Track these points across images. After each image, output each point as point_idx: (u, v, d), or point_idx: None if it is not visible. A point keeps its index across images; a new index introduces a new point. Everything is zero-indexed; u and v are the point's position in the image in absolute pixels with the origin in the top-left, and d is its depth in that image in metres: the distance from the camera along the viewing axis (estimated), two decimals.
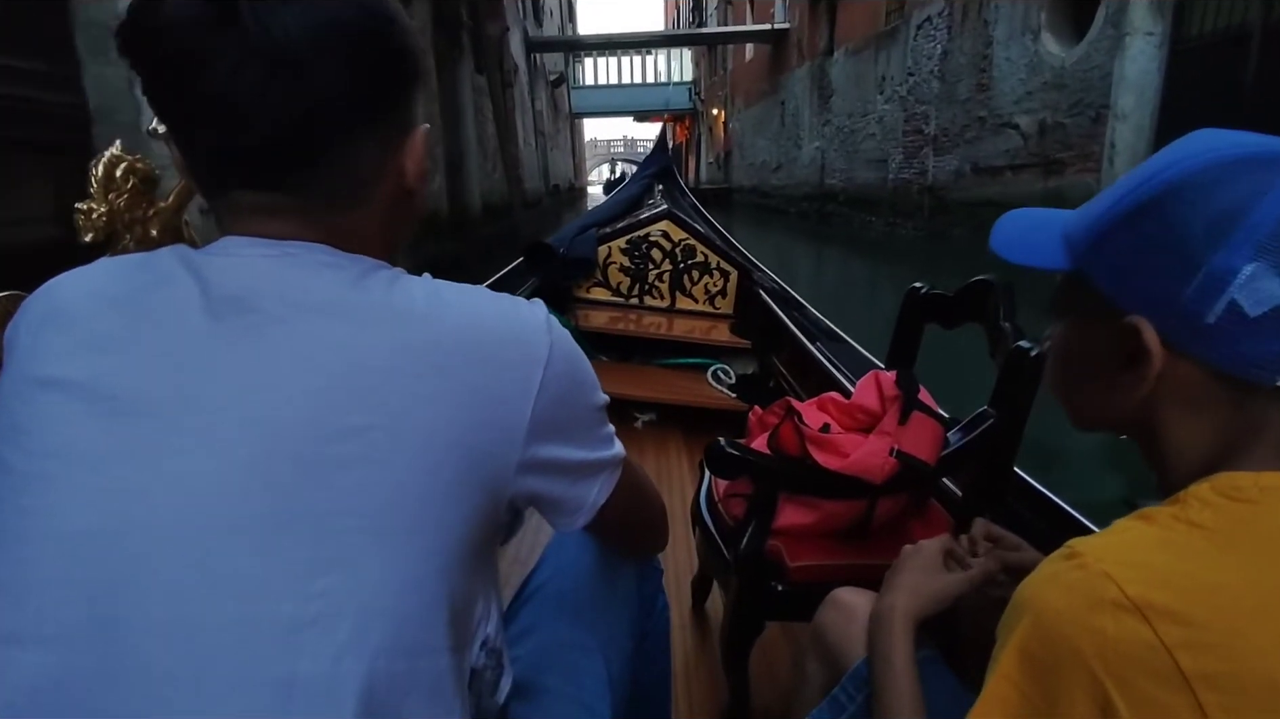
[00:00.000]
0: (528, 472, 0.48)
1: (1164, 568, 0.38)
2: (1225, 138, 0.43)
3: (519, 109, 15.01)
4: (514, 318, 0.48)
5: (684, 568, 1.53)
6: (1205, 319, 0.41)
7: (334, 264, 0.46)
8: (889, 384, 1.07)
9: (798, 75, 16.47)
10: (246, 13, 0.41)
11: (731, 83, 25.25)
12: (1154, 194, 0.43)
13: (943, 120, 9.60)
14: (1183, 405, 0.45)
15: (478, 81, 10.31)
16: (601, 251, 2.82)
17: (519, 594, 0.73)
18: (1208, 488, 0.42)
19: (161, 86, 0.44)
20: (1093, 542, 0.41)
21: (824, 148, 14.82)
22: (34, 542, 0.39)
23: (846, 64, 13.38)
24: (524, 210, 13.68)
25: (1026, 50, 7.63)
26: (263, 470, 0.40)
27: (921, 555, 0.69)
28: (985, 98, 8.49)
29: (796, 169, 16.84)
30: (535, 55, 21.07)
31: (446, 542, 0.43)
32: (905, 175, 10.83)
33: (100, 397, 0.41)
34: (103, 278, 0.46)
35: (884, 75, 11.54)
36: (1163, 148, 0.45)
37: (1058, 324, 0.52)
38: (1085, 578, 0.38)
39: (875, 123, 11.95)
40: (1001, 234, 0.53)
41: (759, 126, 20.79)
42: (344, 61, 0.44)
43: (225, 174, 0.46)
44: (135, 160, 0.71)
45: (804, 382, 2.08)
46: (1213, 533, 0.40)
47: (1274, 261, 0.39)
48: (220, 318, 0.42)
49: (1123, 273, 0.44)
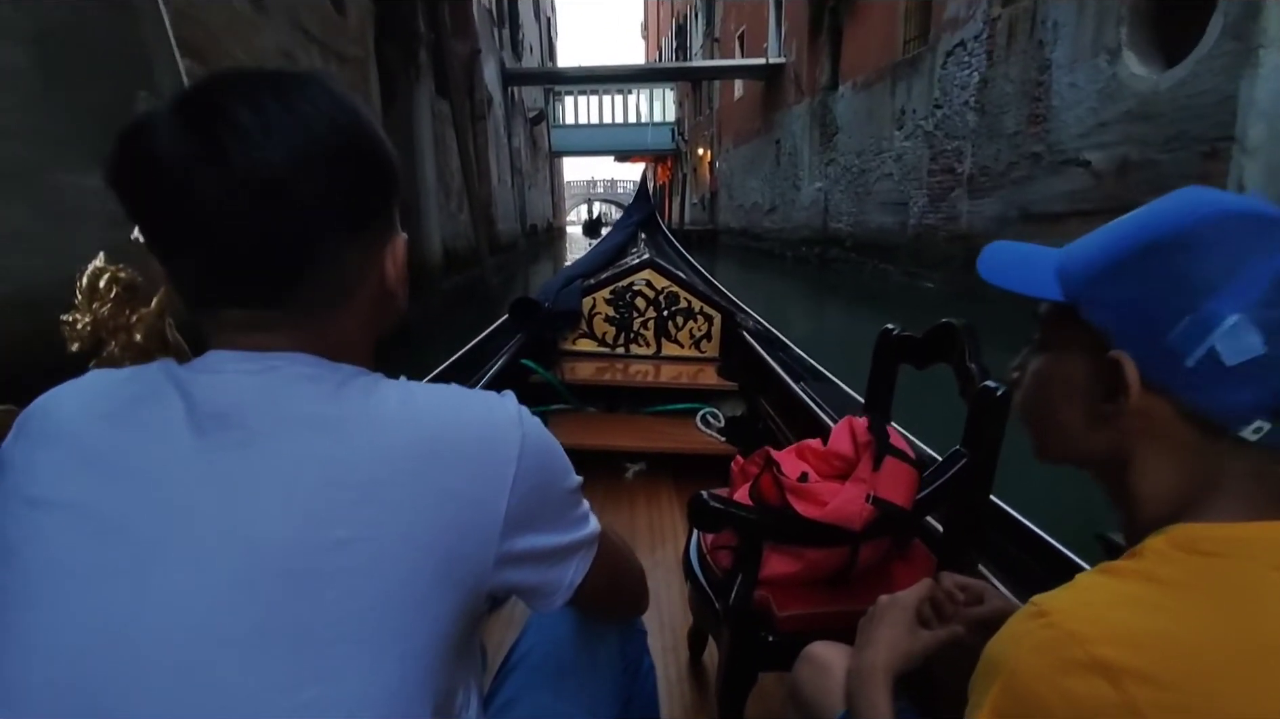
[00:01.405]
0: (505, 565, 0.48)
1: (1128, 625, 0.38)
2: (1224, 195, 0.44)
3: (493, 144, 13.57)
4: (485, 417, 0.49)
5: (679, 621, 1.52)
6: (1185, 361, 0.42)
7: (315, 376, 0.46)
8: (862, 430, 1.10)
9: (796, 112, 15.33)
10: (229, 145, 0.42)
11: (718, 122, 24.25)
12: (1158, 239, 0.44)
13: (982, 158, 8.30)
14: (1153, 443, 0.46)
15: (440, 108, 8.82)
16: (586, 303, 2.79)
17: (503, 665, 0.72)
18: (1164, 541, 0.43)
19: (148, 215, 0.45)
20: (1058, 598, 0.41)
21: (827, 189, 13.57)
22: (22, 661, 0.40)
23: (855, 99, 12.20)
24: (498, 254, 12.09)
25: (1099, 74, 6.35)
26: (248, 585, 0.40)
27: (896, 609, 0.68)
28: (1041, 131, 7.19)
29: (794, 211, 15.58)
30: (513, 90, 19.91)
31: (429, 642, 0.44)
32: (931, 220, 9.50)
33: (89, 515, 0.42)
34: (92, 394, 0.47)
35: (903, 109, 10.31)
36: (1159, 198, 0.47)
37: (1038, 356, 0.53)
38: (1053, 637, 0.39)
39: (892, 161, 10.68)
40: (992, 261, 0.55)
41: (750, 166, 19.64)
42: (326, 183, 0.45)
43: (211, 294, 0.47)
44: (118, 270, 0.74)
45: (790, 422, 2.07)
46: (1174, 588, 0.40)
47: (1257, 317, 0.40)
48: (206, 434, 0.43)
49: (1114, 309, 0.46)
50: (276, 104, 0.44)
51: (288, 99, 0.44)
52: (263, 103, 0.43)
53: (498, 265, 11.16)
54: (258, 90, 0.44)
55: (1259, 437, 0.42)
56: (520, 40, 21.76)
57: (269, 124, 0.43)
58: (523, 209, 20.06)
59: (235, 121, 0.42)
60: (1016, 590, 0.93)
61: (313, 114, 0.45)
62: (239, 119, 0.42)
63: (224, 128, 0.42)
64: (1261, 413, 0.41)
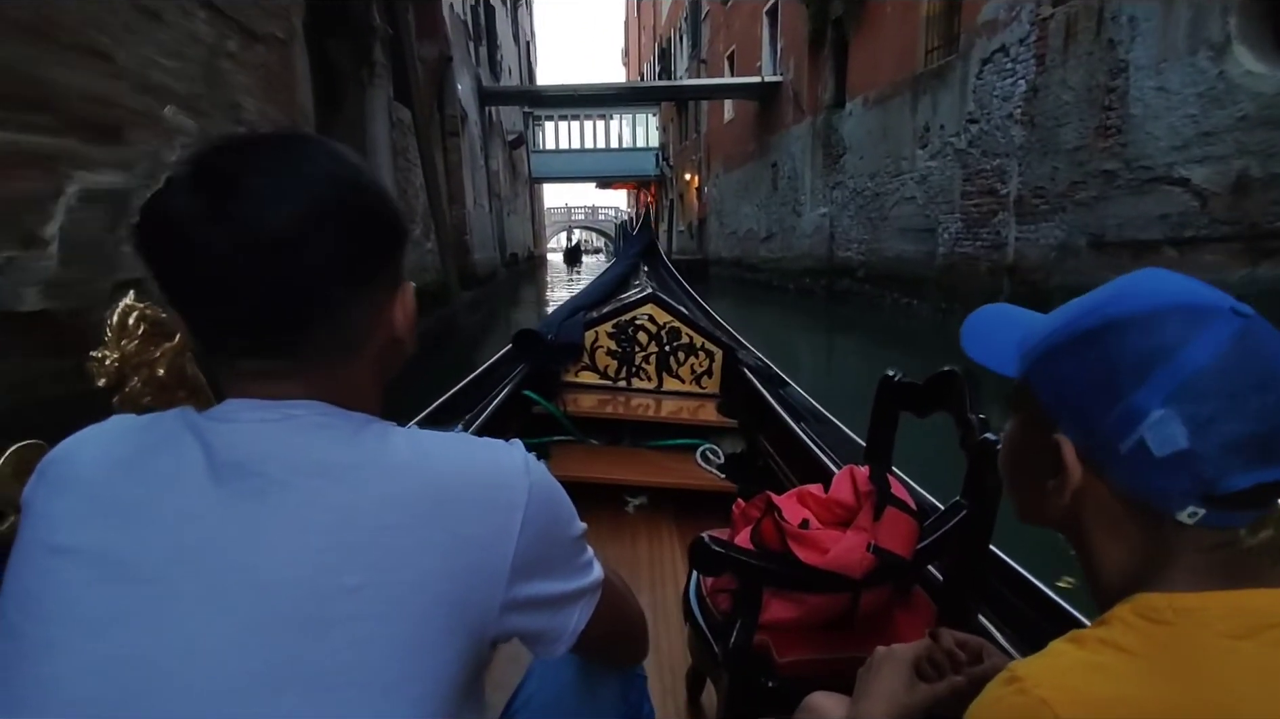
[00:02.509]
0: (510, 611, 0.49)
1: (1095, 693, 0.40)
2: (1172, 281, 0.45)
3: (468, 164, 12.28)
4: (492, 465, 0.50)
5: (678, 661, 1.50)
6: (1119, 448, 0.43)
7: (329, 424, 0.47)
8: (863, 479, 1.10)
9: (795, 133, 14.29)
10: (235, 208, 0.44)
11: (707, 146, 23.23)
12: (1097, 325, 0.45)
13: (1033, 177, 7.17)
14: (1100, 521, 0.46)
15: (401, 115, 7.51)
16: (589, 336, 2.79)
17: (506, 710, 0.72)
18: (1129, 610, 0.43)
19: (164, 272, 0.46)
20: (1031, 666, 0.43)
21: (833, 214, 12.46)
22: (39, 711, 0.41)
23: (865, 116, 11.13)
24: (474, 288, 10.68)
25: (1199, 75, 5.24)
26: (262, 632, 0.41)
27: (893, 661, 0.67)
28: (1114, 145, 6.07)
29: (795, 239, 14.44)
30: (491, 112, 18.75)
31: (436, 688, 0.44)
32: (967, 249, 8.36)
33: (108, 563, 0.43)
34: (112, 441, 0.49)
35: (927, 125, 9.23)
36: (1112, 281, 0.47)
37: (1011, 420, 0.54)
38: (1024, 704, 0.40)
39: (914, 183, 9.56)
40: (972, 328, 0.55)
41: (743, 192, 18.56)
42: (333, 240, 0.46)
43: (225, 345, 0.48)
44: (145, 308, 0.73)
45: (790, 462, 2.06)
46: (1135, 657, 0.41)
47: (1180, 410, 0.41)
48: (224, 483, 0.44)
49: (1058, 390, 0.47)
50: (283, 166, 0.46)
51: (292, 161, 0.47)
52: (270, 163, 0.46)
53: (473, 302, 9.73)
54: (267, 151, 0.47)
55: (1194, 520, 0.42)
56: (499, 61, 20.68)
57: (275, 186, 0.45)
58: (502, 236, 18.77)
59: (245, 181, 0.44)
60: (1016, 640, 0.98)
61: (316, 174, 0.47)
62: (246, 183, 0.44)
63: (231, 191, 0.44)
64: (1193, 499, 0.42)
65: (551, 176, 33.61)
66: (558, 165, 32.60)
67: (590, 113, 32.64)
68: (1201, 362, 0.40)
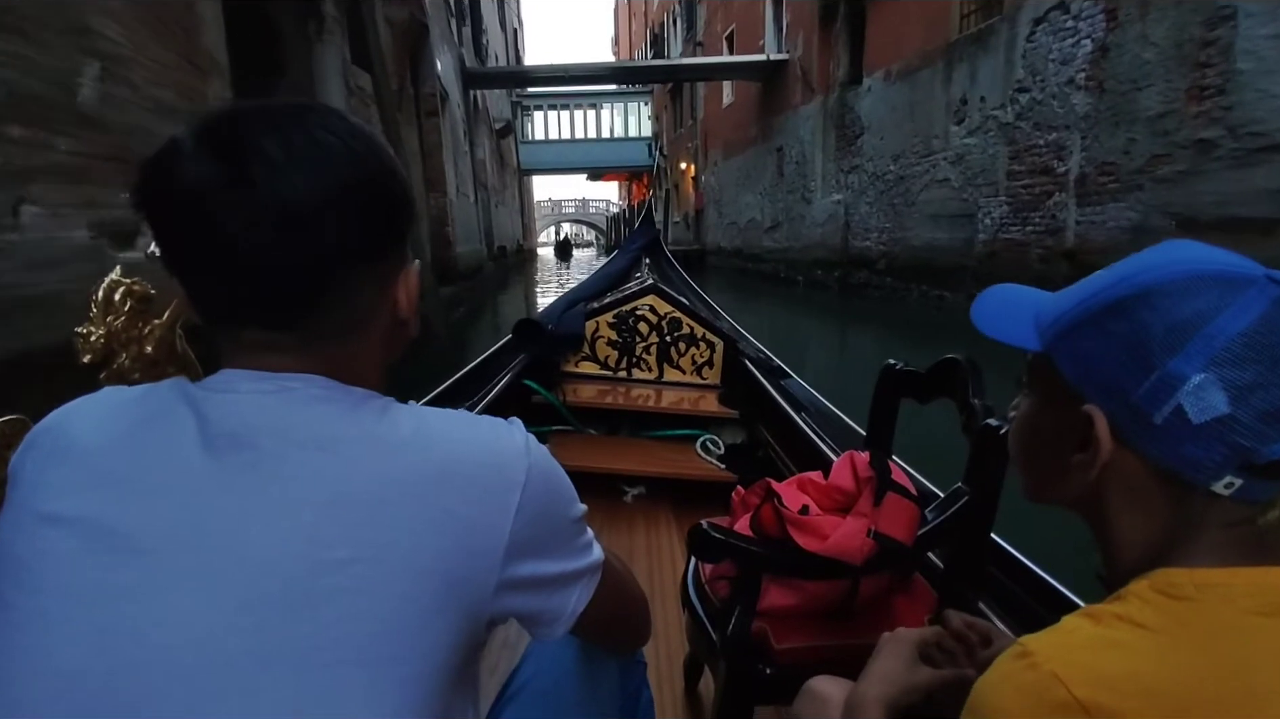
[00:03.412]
0: (505, 590, 0.48)
1: (1110, 669, 0.39)
2: (1203, 250, 0.44)
3: (450, 148, 11.17)
4: (492, 445, 0.49)
5: (676, 649, 1.49)
6: (1153, 419, 0.42)
7: (328, 398, 0.46)
8: (863, 465, 1.08)
9: (804, 114, 13.27)
10: (258, 174, 0.43)
11: (704, 132, 22.15)
12: (1125, 295, 0.44)
13: (1101, 151, 6.20)
14: (1126, 495, 0.45)
15: (359, 82, 6.43)
16: (589, 326, 2.76)
17: (502, 694, 0.71)
18: (1147, 585, 0.42)
19: (174, 239, 0.45)
20: (1042, 640, 0.42)
21: (848, 201, 11.47)
22: (28, 681, 0.40)
23: (887, 92, 10.13)
24: (456, 283, 9.61)
25: None
26: (252, 608, 0.40)
27: (895, 643, 0.66)
28: (1215, 108, 5.10)
29: (805, 228, 13.44)
30: (477, 97, 17.61)
31: (429, 668, 0.43)
32: (1014, 234, 7.38)
33: (99, 533, 0.42)
34: (105, 411, 0.48)
35: (964, 98, 8.23)
36: (1136, 253, 0.46)
37: (1025, 398, 0.52)
38: (1036, 679, 0.39)
39: (948, 164, 8.58)
40: (982, 306, 0.54)
41: (745, 179, 17.53)
42: (348, 216, 0.46)
43: (229, 313, 0.47)
44: (132, 284, 0.73)
45: (790, 452, 2.05)
46: (1154, 633, 0.40)
47: (1221, 375, 0.40)
48: (218, 455, 0.43)
49: (1085, 363, 0.45)
50: (302, 136, 0.45)
51: (311, 130, 0.45)
52: (287, 133, 0.44)
53: (451, 299, 8.65)
54: (282, 121, 0.45)
55: (1230, 492, 0.41)
56: (485, 46, 19.49)
57: (294, 154, 0.44)
58: (489, 228, 17.65)
59: (262, 150, 0.43)
60: (1017, 627, 0.96)
61: (337, 146, 0.46)
62: (266, 148, 0.43)
63: (251, 156, 0.43)
64: (1230, 469, 0.41)
65: (541, 168, 32.36)
66: (547, 156, 31.41)
67: (581, 101, 31.49)
68: (1239, 327, 0.40)
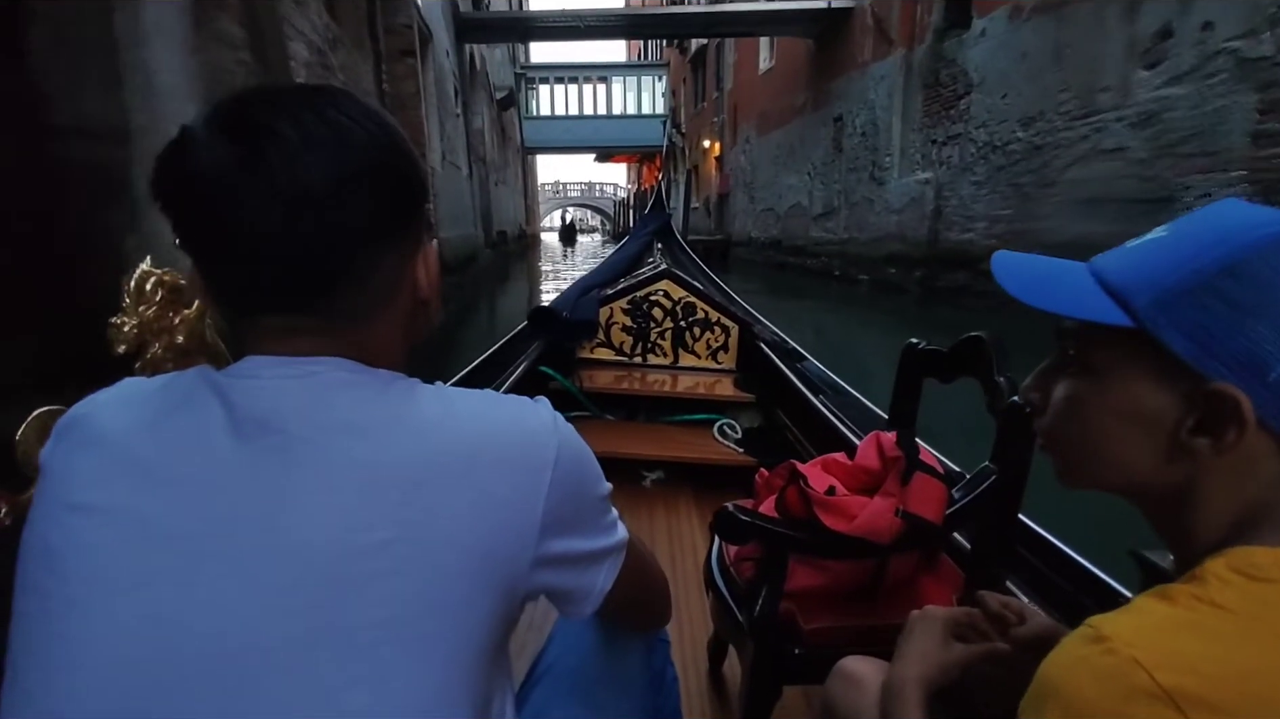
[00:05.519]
0: (540, 567, 0.48)
1: (1192, 653, 0.37)
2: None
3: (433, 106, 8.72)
4: (521, 423, 0.49)
5: (699, 630, 1.50)
6: None
7: (354, 381, 0.46)
8: (890, 445, 1.07)
9: (876, 73, 10.76)
10: (272, 156, 0.43)
11: (732, 105, 19.56)
12: (1240, 256, 0.41)
13: None
14: (1233, 477, 0.43)
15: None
16: (604, 313, 2.79)
17: (529, 675, 0.72)
18: (1224, 565, 0.41)
19: (190, 225, 0.45)
20: (1118, 623, 0.40)
21: (942, 180, 9.03)
22: (72, 671, 0.40)
23: (1016, 35, 7.65)
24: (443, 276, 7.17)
25: None
26: (291, 592, 0.40)
27: (927, 621, 0.66)
28: None
29: (873, 215, 10.97)
30: (475, 56, 15.07)
31: (469, 645, 0.44)
32: None
33: (131, 521, 0.42)
34: (131, 401, 0.48)
35: (1165, 29, 5.78)
36: (1210, 208, 0.43)
37: (1073, 379, 0.48)
38: (1116, 664, 0.37)
39: (1125, 127, 6.14)
40: (1018, 277, 0.49)
41: (787, 157, 14.99)
42: (364, 197, 0.46)
43: (249, 300, 0.47)
44: (164, 274, 0.73)
45: (809, 435, 2.07)
46: (1236, 615, 0.39)
47: None
48: (247, 440, 0.43)
49: (1209, 336, 0.41)
50: (314, 117, 0.44)
51: (324, 112, 0.45)
52: (302, 116, 0.44)
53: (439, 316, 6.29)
54: (295, 104, 0.45)
55: None
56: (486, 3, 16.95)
57: (309, 137, 0.44)
58: (487, 209, 15.20)
59: (277, 134, 0.43)
60: (1044, 607, 0.94)
61: (349, 127, 0.45)
62: (281, 131, 0.43)
63: (265, 138, 0.43)
64: None
65: (546, 146, 29.77)
66: (553, 134, 28.76)
67: (590, 75, 28.86)
68: None
